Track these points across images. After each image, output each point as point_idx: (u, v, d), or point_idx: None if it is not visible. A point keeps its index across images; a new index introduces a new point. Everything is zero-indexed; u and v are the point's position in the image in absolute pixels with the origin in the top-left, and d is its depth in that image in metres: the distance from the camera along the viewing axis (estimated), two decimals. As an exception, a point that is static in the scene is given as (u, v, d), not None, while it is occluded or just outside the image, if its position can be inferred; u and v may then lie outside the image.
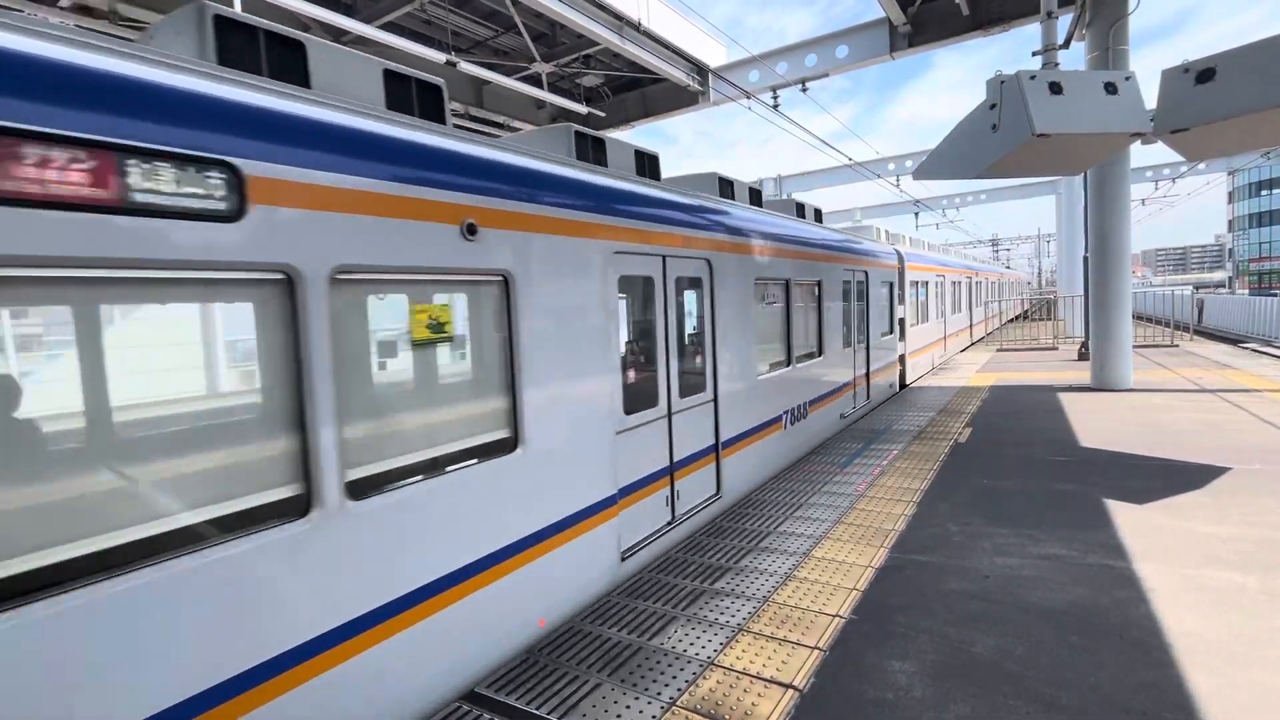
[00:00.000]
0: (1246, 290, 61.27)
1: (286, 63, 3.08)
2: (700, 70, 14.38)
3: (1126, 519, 5.27)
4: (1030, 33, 18.42)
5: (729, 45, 15.38)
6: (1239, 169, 36.19)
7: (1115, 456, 7.15)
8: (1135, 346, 13.49)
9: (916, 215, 36.88)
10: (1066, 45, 9.37)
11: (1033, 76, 6.12)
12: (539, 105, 15.78)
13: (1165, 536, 4.89)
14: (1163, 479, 6.24)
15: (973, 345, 22.13)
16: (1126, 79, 6.33)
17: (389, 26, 10.94)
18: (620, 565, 4.53)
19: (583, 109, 13.59)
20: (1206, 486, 5.95)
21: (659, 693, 3.24)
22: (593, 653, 3.64)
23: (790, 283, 7.45)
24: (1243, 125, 6.03)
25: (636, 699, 3.20)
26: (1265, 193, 71.25)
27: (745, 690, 3.22)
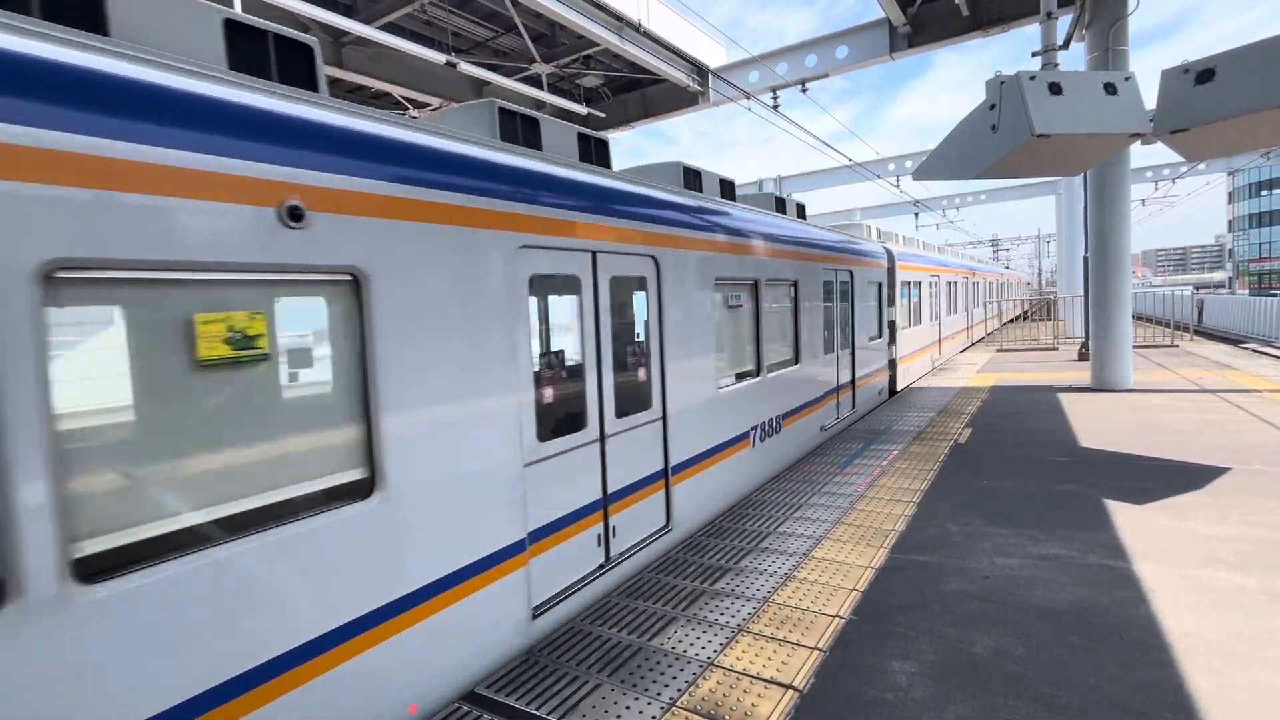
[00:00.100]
0: (1246, 290, 61.28)
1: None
2: (700, 71, 14.40)
3: (1126, 519, 5.28)
4: (1030, 33, 18.45)
5: (729, 46, 15.37)
6: (1239, 169, 36.20)
7: (1115, 457, 7.15)
8: (1135, 347, 13.49)
9: (916, 216, 36.92)
10: (1066, 46, 9.38)
11: (1032, 77, 6.13)
12: (539, 106, 15.79)
13: (1165, 537, 4.89)
14: (1163, 479, 6.25)
15: (969, 348, 21.94)
16: (1126, 79, 6.33)
17: (389, 27, 10.96)
18: (532, 624, 3.78)
19: (583, 109, 13.61)
20: (1207, 487, 5.95)
21: (659, 693, 3.24)
22: (592, 653, 3.64)
23: (760, 283, 6.78)
24: (1242, 125, 6.04)
25: (636, 699, 3.20)
26: (1265, 193, 71.26)
27: (745, 691, 3.23)
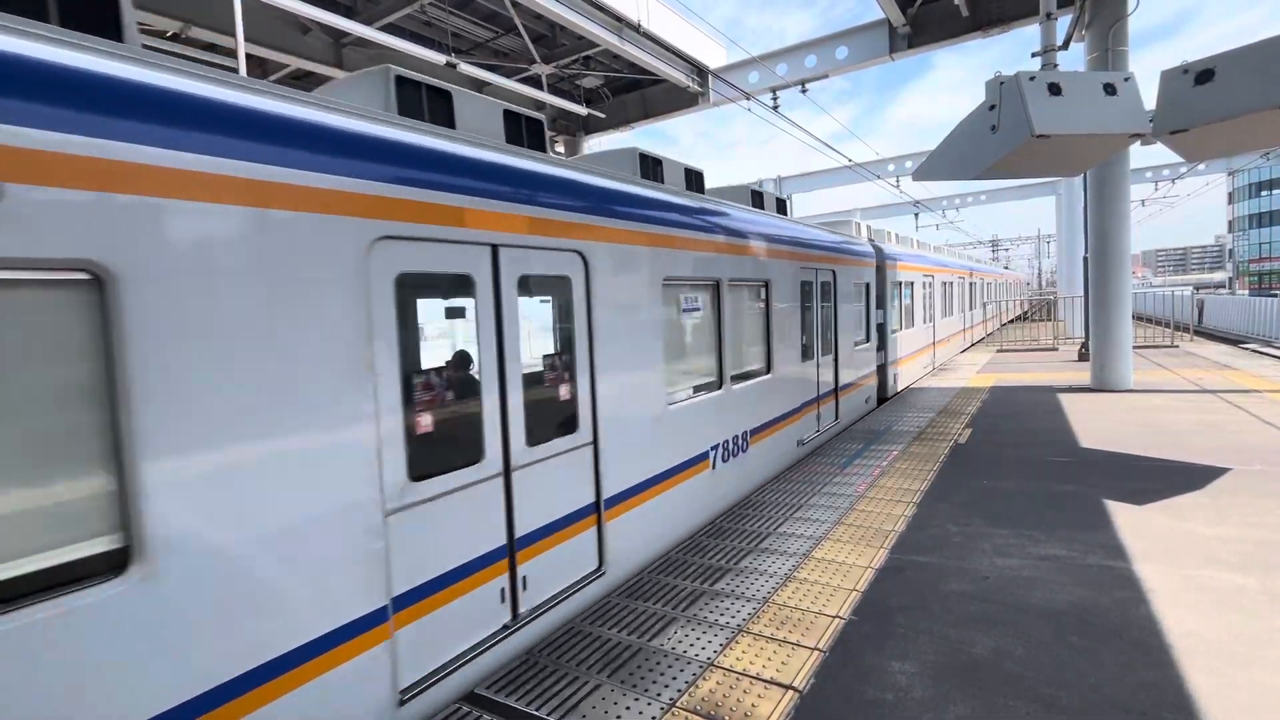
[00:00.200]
0: (1246, 291, 61.28)
1: None
2: (700, 71, 14.41)
3: (1126, 520, 5.28)
4: (1030, 34, 18.45)
5: (728, 46, 15.38)
6: (1239, 170, 36.22)
7: (1115, 457, 7.15)
8: (1135, 347, 13.49)
9: (916, 216, 36.95)
10: (1066, 46, 9.39)
11: (1032, 78, 6.13)
12: (539, 106, 15.81)
13: (1165, 537, 4.89)
14: (1163, 480, 6.25)
15: (967, 350, 21.67)
16: (1125, 80, 6.34)
17: (389, 28, 10.97)
18: (396, 712, 3.03)
19: (583, 110, 13.63)
20: (1206, 487, 5.95)
21: (659, 694, 3.24)
22: (592, 654, 3.64)
23: (722, 284, 6.07)
24: (1242, 126, 6.04)
25: (636, 700, 3.20)
26: (1265, 193, 71.29)
27: (745, 691, 3.23)
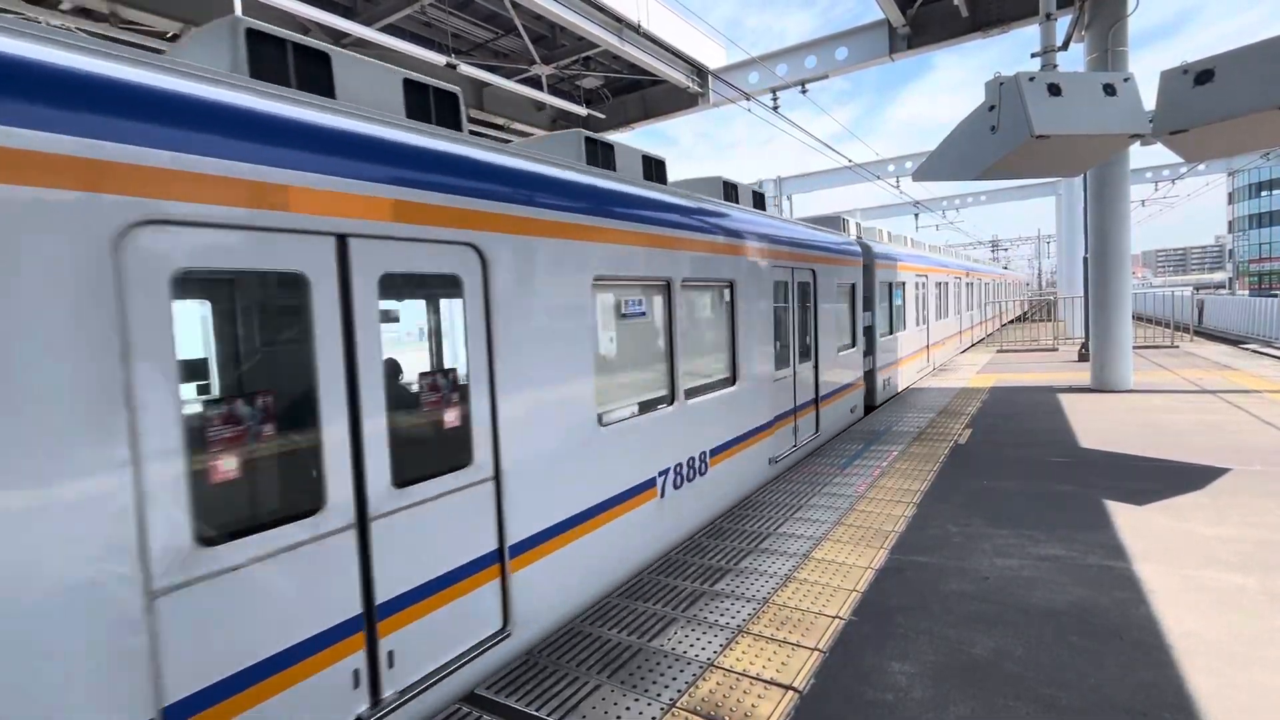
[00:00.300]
0: (1246, 291, 61.28)
1: None
2: (700, 72, 14.42)
3: (1126, 520, 5.28)
4: (1030, 34, 18.47)
5: (728, 47, 15.39)
6: (1239, 170, 36.23)
7: (1115, 457, 7.15)
8: (1135, 347, 13.48)
9: (916, 217, 36.98)
10: (1065, 47, 9.39)
11: (1031, 78, 6.14)
12: (539, 107, 15.82)
13: (1165, 537, 4.89)
14: (1163, 480, 6.25)
15: (965, 353, 21.19)
16: (1125, 80, 6.34)
17: (389, 29, 10.97)
18: None
19: (583, 111, 13.64)
20: (1206, 487, 5.95)
21: (659, 694, 3.24)
22: (592, 654, 3.64)
23: (674, 285, 5.37)
24: (1241, 126, 6.05)
25: (636, 700, 3.20)
26: (1265, 194, 71.33)
27: (745, 691, 3.23)
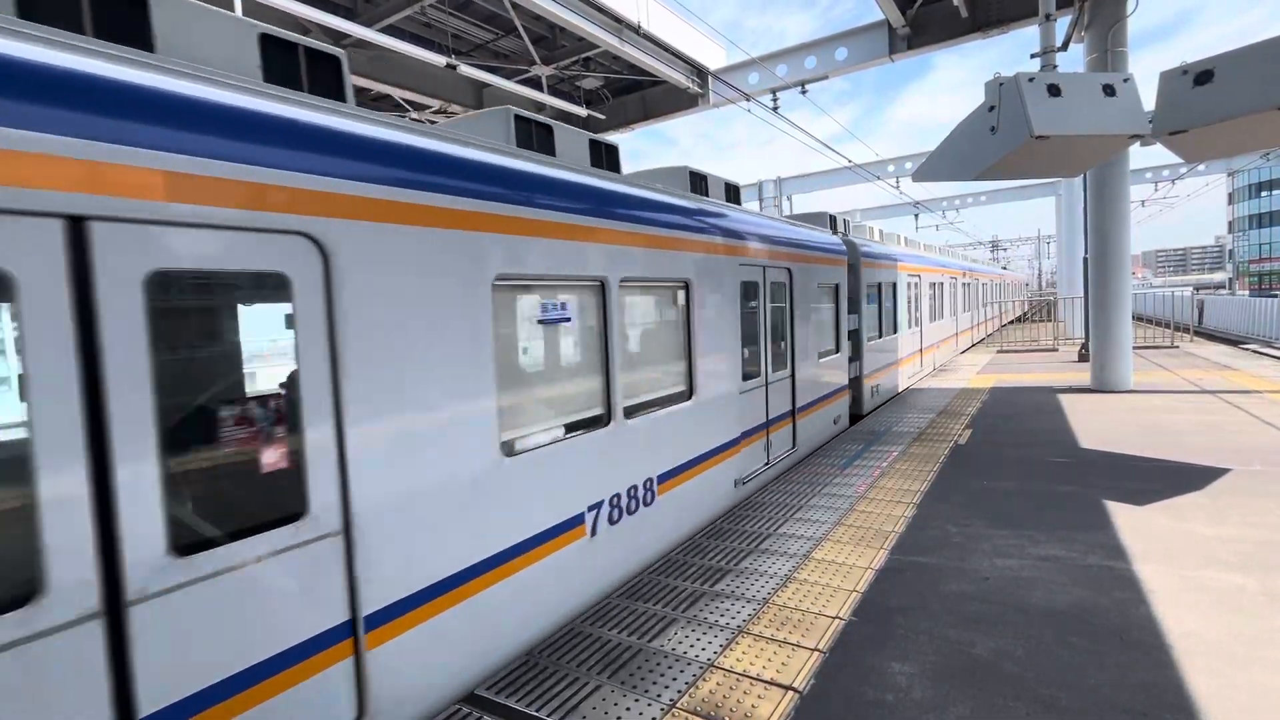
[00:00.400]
0: (1247, 291, 61.30)
1: None
2: (700, 72, 14.43)
3: (1126, 520, 5.28)
4: (1029, 35, 18.44)
5: (728, 48, 15.39)
6: (1239, 170, 36.23)
7: (1115, 458, 7.15)
8: (1135, 348, 13.49)
9: (916, 217, 36.99)
10: (1065, 47, 9.39)
11: (1031, 79, 6.15)
12: (539, 108, 15.82)
13: (1165, 538, 4.89)
14: (1162, 480, 6.25)
15: (964, 354, 20.82)
16: (1125, 81, 6.35)
17: (390, 30, 10.98)
18: None
19: (583, 111, 13.65)
20: (1206, 488, 5.95)
21: (659, 695, 3.24)
22: (592, 654, 3.64)
23: (609, 285, 4.52)
24: (1241, 127, 6.05)
25: (636, 701, 3.20)
26: (1265, 194, 71.29)
27: (745, 692, 3.23)
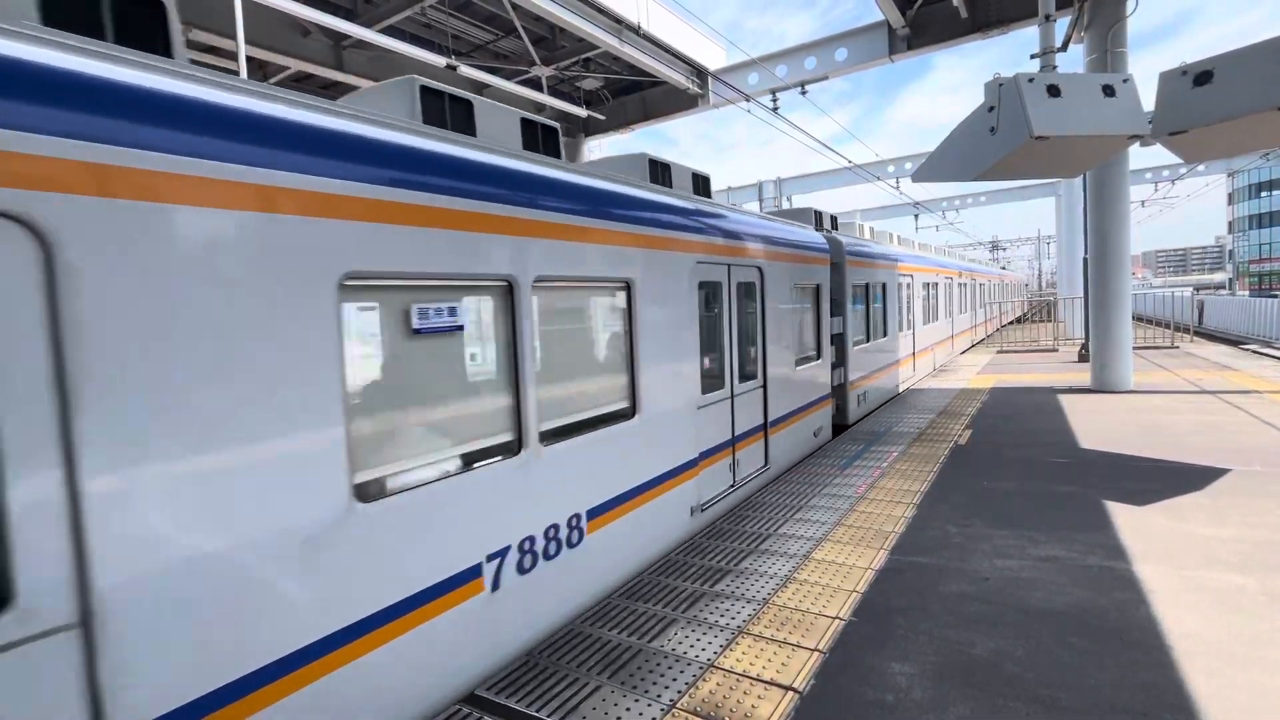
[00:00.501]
0: (1247, 291, 61.31)
1: None
2: (699, 73, 14.44)
3: (1126, 520, 5.28)
4: (1029, 35, 18.45)
5: (728, 48, 15.41)
6: (1238, 170, 36.25)
7: (1115, 458, 7.15)
8: (1135, 348, 13.49)
9: (916, 217, 36.99)
10: (1064, 48, 9.39)
11: (1031, 79, 6.15)
12: (539, 108, 15.83)
13: (1165, 538, 4.89)
14: (1162, 480, 6.25)
15: (961, 355, 20.45)
16: (1124, 81, 6.35)
17: (390, 30, 10.99)
18: None
19: (582, 112, 13.66)
20: (1206, 488, 5.95)
21: (659, 695, 3.24)
22: (592, 655, 3.64)
23: (520, 286, 3.67)
24: (1241, 127, 6.05)
25: (636, 701, 3.20)
26: (1265, 194, 71.31)
27: (745, 692, 3.23)
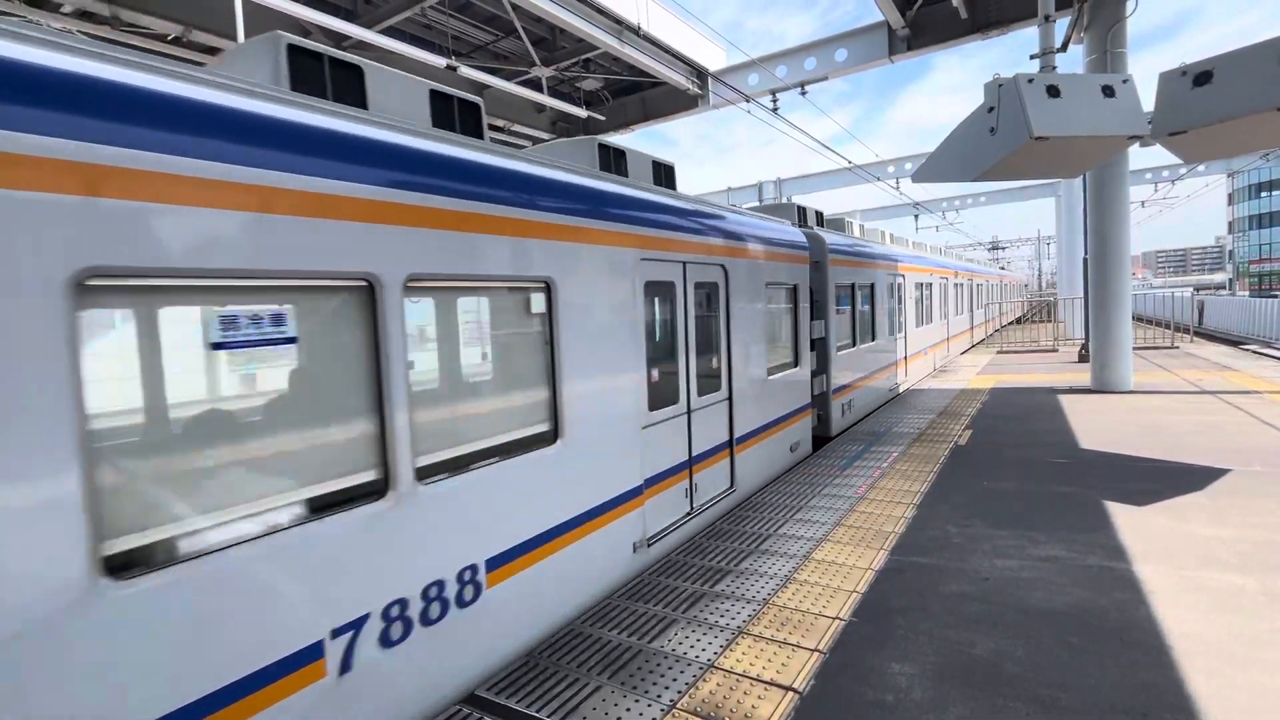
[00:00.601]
0: (1247, 292, 61.30)
1: None
2: (699, 74, 14.43)
3: (1126, 521, 5.28)
4: (1029, 36, 18.45)
5: (728, 49, 15.42)
6: (1238, 171, 36.23)
7: (1115, 458, 7.15)
8: (1135, 348, 13.48)
9: (916, 218, 36.98)
10: (1064, 48, 9.40)
11: (1030, 80, 6.15)
12: (539, 109, 15.84)
13: (1165, 538, 4.89)
14: (1162, 481, 6.25)
15: (965, 354, 20.29)
16: (1124, 82, 6.35)
17: (390, 31, 10.99)
18: None
19: (582, 112, 13.66)
20: (1206, 488, 5.95)
21: (659, 695, 3.24)
22: (593, 655, 3.65)
23: (385, 286, 3.05)
24: (1240, 128, 6.05)
25: (637, 701, 3.20)
26: (1265, 194, 71.33)
27: (745, 693, 3.23)
